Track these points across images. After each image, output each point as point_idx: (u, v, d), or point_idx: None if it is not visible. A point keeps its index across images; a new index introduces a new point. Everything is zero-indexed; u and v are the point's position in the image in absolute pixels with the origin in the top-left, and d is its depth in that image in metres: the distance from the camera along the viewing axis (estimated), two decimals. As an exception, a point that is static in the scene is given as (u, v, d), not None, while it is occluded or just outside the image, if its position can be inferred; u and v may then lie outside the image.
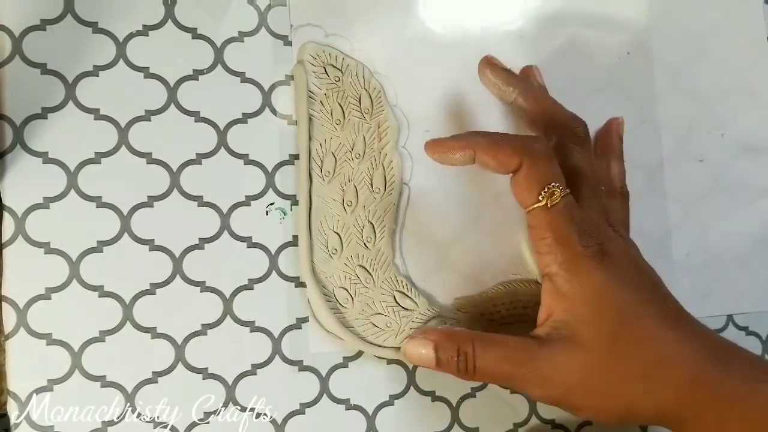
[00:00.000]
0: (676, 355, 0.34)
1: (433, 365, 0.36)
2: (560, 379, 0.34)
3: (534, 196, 0.35)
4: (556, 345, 0.35)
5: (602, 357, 0.34)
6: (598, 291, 0.35)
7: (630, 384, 0.34)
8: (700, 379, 0.34)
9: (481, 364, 0.35)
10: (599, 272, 0.35)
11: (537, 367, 0.34)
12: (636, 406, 0.34)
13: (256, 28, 0.40)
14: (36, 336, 0.36)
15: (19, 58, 0.37)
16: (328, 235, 0.39)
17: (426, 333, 0.37)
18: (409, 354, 0.37)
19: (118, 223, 0.37)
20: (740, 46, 0.48)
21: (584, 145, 0.39)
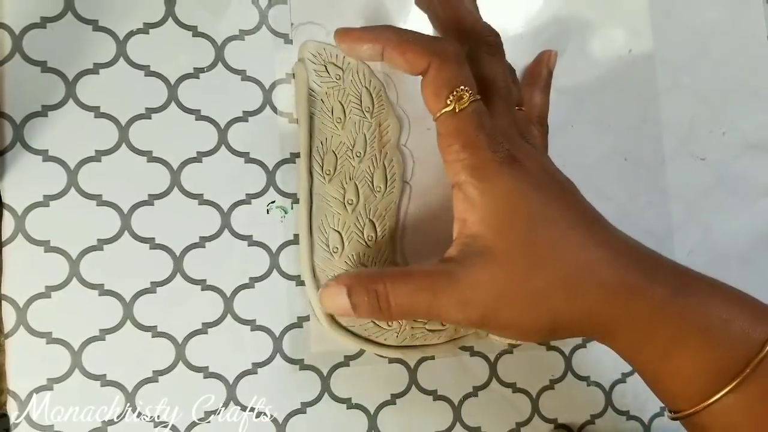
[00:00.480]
0: (598, 259, 0.32)
1: (351, 312, 0.34)
2: (479, 297, 0.32)
3: (442, 101, 0.33)
4: (470, 262, 0.32)
5: (520, 267, 0.32)
6: (509, 196, 0.32)
7: (552, 292, 0.32)
8: (626, 282, 0.32)
9: (396, 300, 0.33)
10: (509, 177, 0.32)
11: (453, 290, 0.32)
12: (561, 316, 0.32)
13: (257, 26, 0.40)
14: (36, 335, 0.36)
15: (20, 55, 0.37)
16: (329, 233, 0.39)
17: (338, 279, 0.34)
18: (325, 304, 0.35)
19: (119, 222, 0.37)
20: (741, 45, 0.48)
21: (496, 55, 0.36)
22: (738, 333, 0.31)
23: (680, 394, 0.32)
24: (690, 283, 0.33)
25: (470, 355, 0.42)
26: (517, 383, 0.42)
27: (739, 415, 0.31)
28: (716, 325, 0.31)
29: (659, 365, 0.32)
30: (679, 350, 0.31)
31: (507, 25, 0.44)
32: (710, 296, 0.32)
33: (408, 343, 0.40)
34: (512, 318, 0.32)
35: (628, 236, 0.34)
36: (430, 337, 0.40)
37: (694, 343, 0.31)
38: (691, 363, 0.31)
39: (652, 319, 0.32)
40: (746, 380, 0.30)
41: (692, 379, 0.31)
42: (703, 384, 0.31)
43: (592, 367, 0.43)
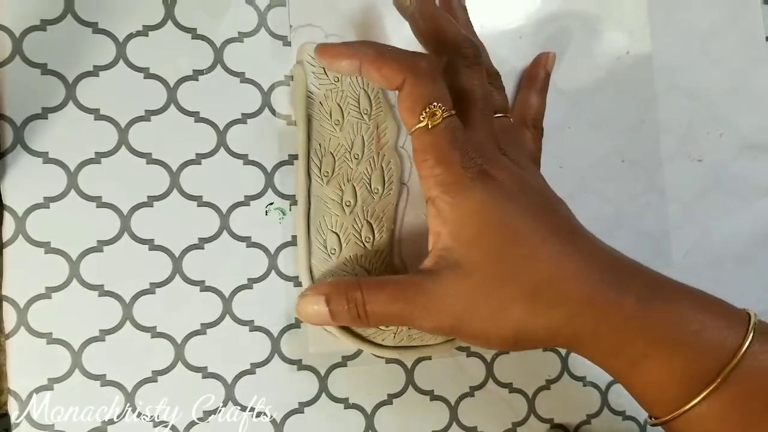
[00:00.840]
0: (566, 273, 0.32)
1: (329, 320, 0.35)
2: (448, 307, 0.33)
3: (416, 116, 0.33)
4: (442, 274, 0.33)
5: (487, 280, 0.33)
6: (479, 211, 0.33)
7: (517, 305, 0.32)
8: (593, 297, 0.32)
9: (372, 308, 0.34)
10: (481, 192, 0.33)
11: (425, 301, 0.33)
12: (526, 328, 0.32)
13: (256, 28, 0.40)
14: (36, 335, 0.36)
15: (20, 58, 0.37)
16: (327, 235, 0.39)
17: (315, 288, 0.35)
18: (303, 314, 0.36)
19: (118, 223, 0.37)
20: (739, 46, 0.48)
21: (474, 68, 0.36)
22: (709, 341, 0.31)
23: (655, 402, 0.33)
24: (660, 291, 0.33)
25: (467, 356, 0.42)
26: (514, 383, 0.42)
27: (713, 422, 0.31)
28: (687, 334, 0.31)
29: (630, 375, 0.33)
30: (650, 360, 0.32)
31: (505, 27, 0.44)
32: (680, 305, 0.32)
33: (405, 343, 0.40)
34: (478, 329, 0.33)
35: (604, 246, 0.34)
36: (426, 338, 0.40)
37: (665, 353, 0.31)
38: (663, 372, 0.32)
39: (619, 332, 0.32)
40: (719, 388, 0.30)
41: (665, 388, 0.32)
42: (677, 392, 0.31)
43: (588, 367, 0.43)
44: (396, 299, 0.34)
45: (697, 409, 0.31)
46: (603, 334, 0.32)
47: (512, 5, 0.44)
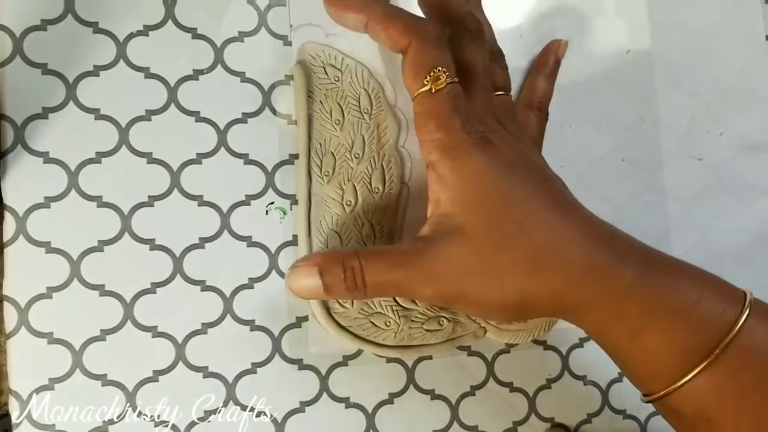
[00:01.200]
0: (566, 238, 0.32)
1: (322, 293, 0.34)
2: (449, 274, 0.33)
3: (419, 81, 0.34)
4: (442, 239, 0.33)
5: (488, 245, 0.32)
6: (479, 176, 0.33)
7: (520, 270, 0.32)
8: (594, 263, 0.32)
9: (371, 277, 0.33)
10: (481, 157, 0.33)
11: (425, 267, 0.33)
12: (529, 294, 0.32)
13: (256, 28, 0.40)
14: (37, 335, 0.36)
15: (20, 58, 0.37)
16: (328, 234, 0.39)
17: (308, 259, 0.34)
18: (294, 287, 0.34)
19: (119, 223, 0.37)
20: (739, 45, 0.48)
21: (477, 41, 0.37)
22: (707, 313, 0.31)
23: (651, 376, 0.33)
24: (659, 264, 0.33)
25: (468, 355, 0.42)
26: (514, 382, 0.42)
27: (709, 395, 0.31)
28: (685, 305, 0.31)
29: (629, 346, 0.33)
30: (649, 331, 0.32)
31: (505, 25, 0.44)
32: (679, 277, 0.32)
33: (406, 343, 0.40)
34: (480, 295, 0.33)
35: (600, 219, 0.34)
36: (427, 337, 0.40)
37: (664, 323, 0.31)
38: (661, 343, 0.32)
39: (620, 300, 0.32)
40: (716, 361, 0.30)
41: (663, 360, 0.32)
42: (674, 364, 0.31)
43: (588, 366, 0.44)
44: (395, 266, 0.33)
45: (694, 383, 0.31)
46: (604, 300, 0.32)
47: (512, 4, 0.44)
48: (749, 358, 0.31)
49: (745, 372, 0.30)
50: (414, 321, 0.40)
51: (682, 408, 0.32)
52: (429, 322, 0.41)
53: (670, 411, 0.33)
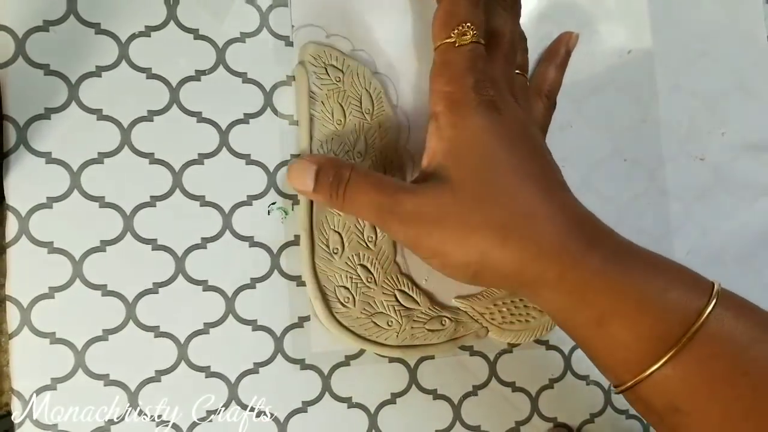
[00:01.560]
0: (543, 214, 0.33)
1: (310, 191, 0.36)
2: (421, 216, 0.34)
3: (446, 31, 0.34)
4: (426, 185, 0.34)
5: (467, 200, 0.33)
6: (477, 135, 0.34)
7: (490, 232, 0.33)
8: (565, 244, 0.32)
9: (351, 190, 0.35)
10: (484, 118, 0.34)
11: (401, 201, 0.34)
12: (491, 258, 0.33)
13: (258, 28, 0.40)
14: (39, 335, 0.36)
15: (23, 58, 0.37)
16: (330, 234, 0.39)
17: (312, 157, 0.37)
18: (292, 177, 0.37)
19: (121, 223, 0.38)
20: (740, 45, 0.49)
21: (510, 12, 0.38)
22: (675, 302, 0.31)
23: (619, 364, 0.32)
24: (628, 253, 0.33)
25: (470, 355, 0.42)
26: (517, 382, 0.42)
27: (678, 385, 0.31)
28: (653, 294, 0.31)
29: (595, 333, 0.33)
30: (615, 319, 0.32)
31: (506, 27, 0.44)
32: (646, 266, 0.32)
33: (408, 342, 0.40)
34: (443, 245, 0.33)
35: (582, 206, 0.34)
36: (430, 337, 0.41)
37: (631, 311, 0.31)
38: (628, 332, 0.31)
39: (585, 285, 0.32)
40: (684, 349, 0.30)
41: (630, 348, 0.31)
42: (642, 353, 0.31)
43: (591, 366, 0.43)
44: (377, 189, 0.35)
45: (662, 372, 0.31)
46: (569, 282, 0.32)
47: (513, 5, 0.45)
48: (717, 346, 0.30)
49: (713, 360, 0.30)
50: (416, 321, 0.40)
51: (652, 398, 0.32)
52: (431, 322, 0.41)
53: (640, 401, 0.33)
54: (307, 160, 0.36)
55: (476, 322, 0.41)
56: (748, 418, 0.30)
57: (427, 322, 0.41)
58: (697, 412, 0.31)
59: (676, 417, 0.31)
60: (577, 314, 0.33)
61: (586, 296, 0.32)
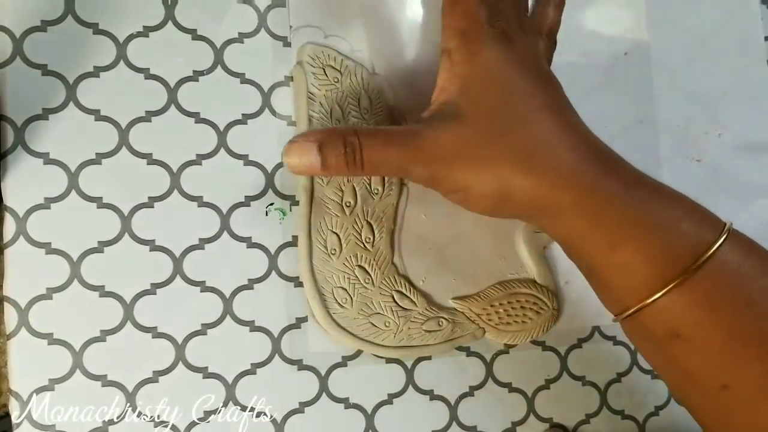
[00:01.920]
0: (560, 141, 0.33)
1: (319, 168, 0.34)
2: (441, 155, 0.34)
3: None
4: (440, 123, 0.34)
5: (484, 132, 0.33)
6: (491, 66, 0.34)
7: (508, 161, 0.33)
8: (582, 170, 0.33)
9: (368, 153, 0.34)
10: (497, 51, 0.34)
11: (420, 146, 0.34)
12: (510, 186, 0.33)
13: (256, 29, 0.40)
14: (37, 336, 0.36)
15: (20, 59, 0.37)
16: (327, 235, 0.40)
17: (307, 135, 0.34)
18: (291, 162, 0.34)
19: (119, 224, 0.38)
20: (738, 46, 0.49)
21: None
22: (687, 232, 0.32)
23: (626, 289, 0.33)
24: (645, 182, 0.34)
25: (466, 356, 0.42)
26: (513, 383, 0.43)
27: (682, 311, 0.31)
28: (666, 222, 0.32)
29: (606, 258, 0.33)
30: (627, 242, 0.32)
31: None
32: (663, 196, 0.33)
33: (405, 343, 0.40)
34: (464, 178, 0.34)
35: (595, 135, 0.35)
36: (427, 338, 0.41)
37: (643, 237, 0.32)
38: (639, 255, 0.32)
39: (601, 209, 0.32)
40: (692, 277, 0.31)
41: (639, 272, 0.32)
42: (650, 277, 0.31)
43: (587, 366, 0.44)
44: (391, 143, 0.34)
45: (668, 297, 0.31)
46: (585, 208, 0.32)
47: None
48: (724, 276, 0.31)
49: (719, 290, 0.31)
50: (413, 322, 0.40)
51: (653, 324, 0.32)
52: (428, 322, 0.41)
53: (640, 329, 0.33)
54: (303, 139, 0.34)
55: (473, 323, 0.41)
56: (748, 345, 0.31)
57: (424, 323, 0.41)
58: (698, 339, 0.31)
59: (676, 344, 0.32)
60: (591, 240, 0.33)
61: (601, 221, 0.32)
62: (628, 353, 0.44)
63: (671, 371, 0.34)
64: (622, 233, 0.32)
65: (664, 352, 0.33)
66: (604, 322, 0.44)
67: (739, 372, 0.31)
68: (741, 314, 0.31)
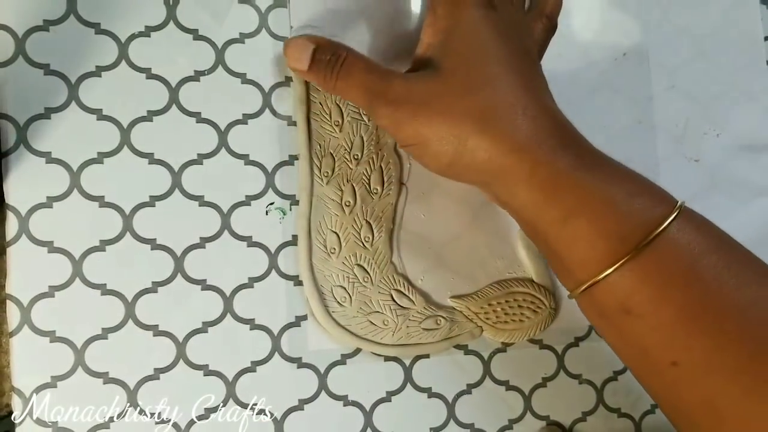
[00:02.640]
0: (524, 108, 0.34)
1: (305, 66, 0.37)
2: (407, 100, 0.35)
3: None
4: (416, 73, 0.36)
5: (453, 87, 0.34)
6: (472, 26, 0.35)
7: (470, 118, 0.34)
8: (540, 139, 0.33)
9: (345, 70, 0.36)
10: (479, 12, 0.35)
11: (391, 84, 0.35)
12: (468, 145, 0.34)
13: (257, 29, 0.40)
14: (39, 333, 0.36)
15: (23, 58, 0.37)
16: (327, 234, 0.40)
17: (310, 37, 0.38)
18: (289, 53, 0.38)
19: (121, 223, 0.38)
20: (737, 46, 0.49)
21: None
22: (639, 207, 0.32)
23: (578, 263, 0.33)
24: (599, 158, 0.34)
25: (464, 354, 0.42)
26: (510, 381, 0.43)
27: (633, 286, 0.32)
28: (619, 197, 0.32)
29: (559, 231, 0.33)
30: (581, 216, 0.32)
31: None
32: (616, 172, 0.34)
33: (403, 341, 0.41)
34: (424, 128, 0.34)
35: (558, 109, 0.35)
36: (425, 336, 0.41)
37: (596, 211, 0.32)
38: (592, 229, 0.32)
39: (555, 184, 0.33)
40: (642, 252, 0.31)
41: (592, 246, 0.32)
42: (602, 251, 0.32)
43: (584, 365, 0.44)
44: (369, 71, 0.36)
45: (619, 272, 0.31)
46: (539, 178, 0.33)
47: (511, 6, 0.45)
48: (675, 252, 0.31)
49: (669, 266, 0.31)
50: (411, 320, 0.41)
51: (605, 300, 0.33)
52: (426, 321, 0.41)
53: (593, 305, 0.34)
54: (305, 38, 0.37)
55: (471, 321, 0.42)
56: (696, 321, 0.31)
57: (422, 322, 0.41)
58: (649, 315, 0.32)
59: (628, 320, 0.32)
60: (544, 212, 0.34)
61: (555, 193, 0.33)
62: (624, 352, 0.45)
63: (624, 347, 0.34)
64: (576, 207, 0.33)
65: (616, 328, 0.33)
66: (601, 321, 0.44)
67: (687, 348, 0.31)
68: (690, 290, 0.31)
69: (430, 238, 0.42)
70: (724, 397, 0.31)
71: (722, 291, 0.31)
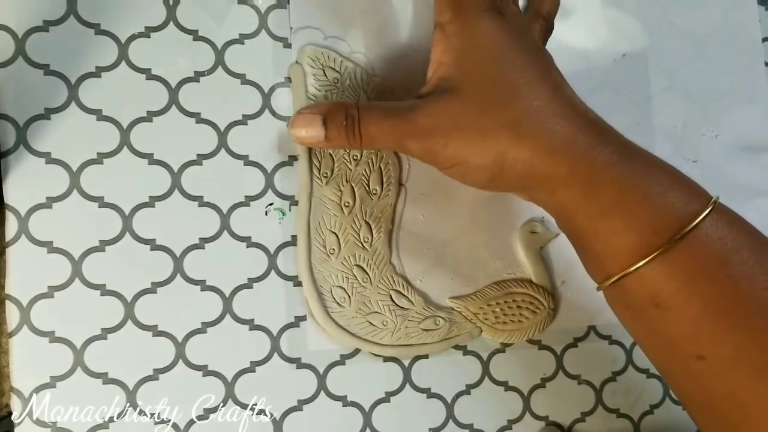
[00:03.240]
0: (553, 111, 0.34)
1: (323, 140, 0.36)
2: (435, 129, 0.34)
3: None
4: (435, 96, 0.35)
5: (479, 104, 0.34)
6: (484, 39, 0.35)
7: (503, 132, 0.33)
8: (575, 138, 0.33)
9: (365, 125, 0.35)
10: (490, 23, 0.35)
11: (416, 119, 0.35)
12: (506, 157, 0.34)
13: (257, 30, 0.40)
14: (39, 334, 0.36)
15: (22, 58, 0.37)
16: (326, 235, 0.40)
17: (313, 107, 0.37)
18: (297, 134, 0.37)
19: (120, 223, 0.38)
20: (735, 47, 0.49)
21: None
22: (674, 201, 0.32)
23: (611, 256, 0.33)
24: (637, 153, 0.34)
25: (463, 354, 0.42)
26: (509, 381, 0.43)
27: (663, 279, 0.32)
28: (655, 190, 0.32)
29: (595, 225, 0.33)
30: (617, 210, 0.33)
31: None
32: (654, 166, 0.34)
33: (402, 342, 0.41)
34: (460, 151, 0.34)
35: (587, 105, 0.35)
36: (424, 337, 0.41)
37: (632, 204, 0.32)
38: (627, 222, 0.32)
39: (594, 177, 0.33)
40: (675, 246, 0.31)
41: (625, 238, 0.32)
42: (635, 245, 0.32)
43: (582, 365, 0.44)
44: (388, 116, 0.35)
45: (650, 266, 0.32)
46: (579, 176, 0.33)
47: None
48: (707, 247, 0.31)
49: (701, 261, 0.31)
50: (411, 320, 0.41)
51: (635, 292, 0.33)
52: (425, 321, 0.41)
53: (622, 297, 0.34)
54: (309, 111, 0.37)
55: (470, 322, 0.42)
56: (725, 316, 0.31)
57: (421, 322, 0.41)
58: (677, 309, 0.32)
59: (656, 313, 0.32)
60: (583, 208, 0.34)
61: (593, 189, 0.33)
62: (623, 352, 0.45)
63: (650, 340, 0.34)
64: (613, 201, 0.33)
65: (643, 321, 0.33)
66: (599, 322, 0.44)
67: (714, 342, 0.31)
68: (721, 285, 0.31)
69: (429, 238, 0.42)
70: (749, 392, 0.31)
71: (752, 287, 0.31)
